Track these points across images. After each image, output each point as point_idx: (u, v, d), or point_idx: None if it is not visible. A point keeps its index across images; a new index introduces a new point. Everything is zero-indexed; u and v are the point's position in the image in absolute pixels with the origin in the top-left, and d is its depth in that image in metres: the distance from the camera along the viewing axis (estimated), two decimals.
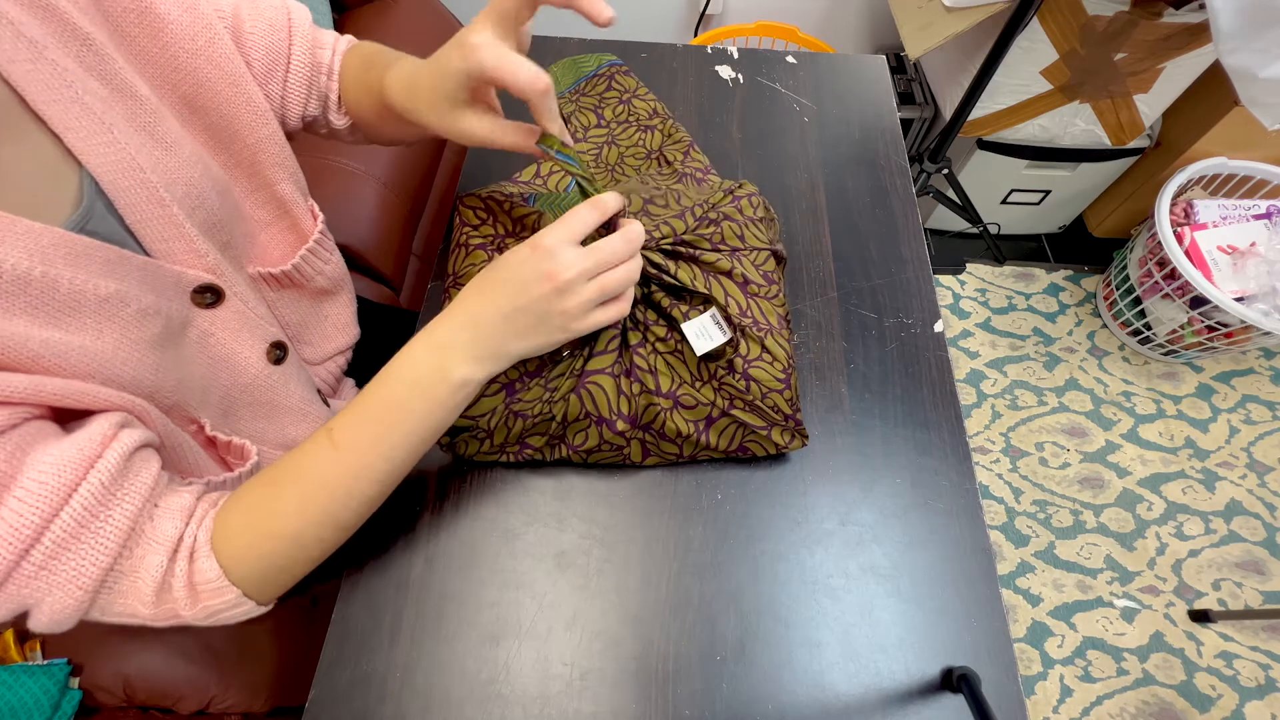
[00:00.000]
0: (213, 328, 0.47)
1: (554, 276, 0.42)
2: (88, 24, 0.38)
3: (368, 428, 0.42)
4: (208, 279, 0.45)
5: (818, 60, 0.88)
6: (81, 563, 0.35)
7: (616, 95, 0.79)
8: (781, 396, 0.54)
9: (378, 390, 0.43)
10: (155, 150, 0.41)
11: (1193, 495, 1.44)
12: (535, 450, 0.55)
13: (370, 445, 0.42)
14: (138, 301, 0.39)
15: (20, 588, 0.34)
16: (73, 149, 0.37)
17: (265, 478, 0.42)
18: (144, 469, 0.38)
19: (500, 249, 0.55)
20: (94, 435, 0.35)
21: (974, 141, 1.51)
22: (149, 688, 0.76)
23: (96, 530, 0.35)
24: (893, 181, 0.77)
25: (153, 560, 0.37)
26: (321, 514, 0.42)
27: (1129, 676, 1.26)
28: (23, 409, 0.34)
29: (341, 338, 0.63)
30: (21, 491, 0.33)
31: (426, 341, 0.43)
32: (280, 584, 0.43)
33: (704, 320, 0.52)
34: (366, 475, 0.42)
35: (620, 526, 0.56)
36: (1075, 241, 1.78)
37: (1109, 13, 1.14)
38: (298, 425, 0.56)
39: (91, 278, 0.36)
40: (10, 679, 0.72)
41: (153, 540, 0.37)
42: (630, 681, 0.50)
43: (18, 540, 0.32)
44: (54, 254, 0.35)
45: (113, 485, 0.36)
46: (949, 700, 0.50)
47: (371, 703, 0.49)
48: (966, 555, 0.56)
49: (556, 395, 0.52)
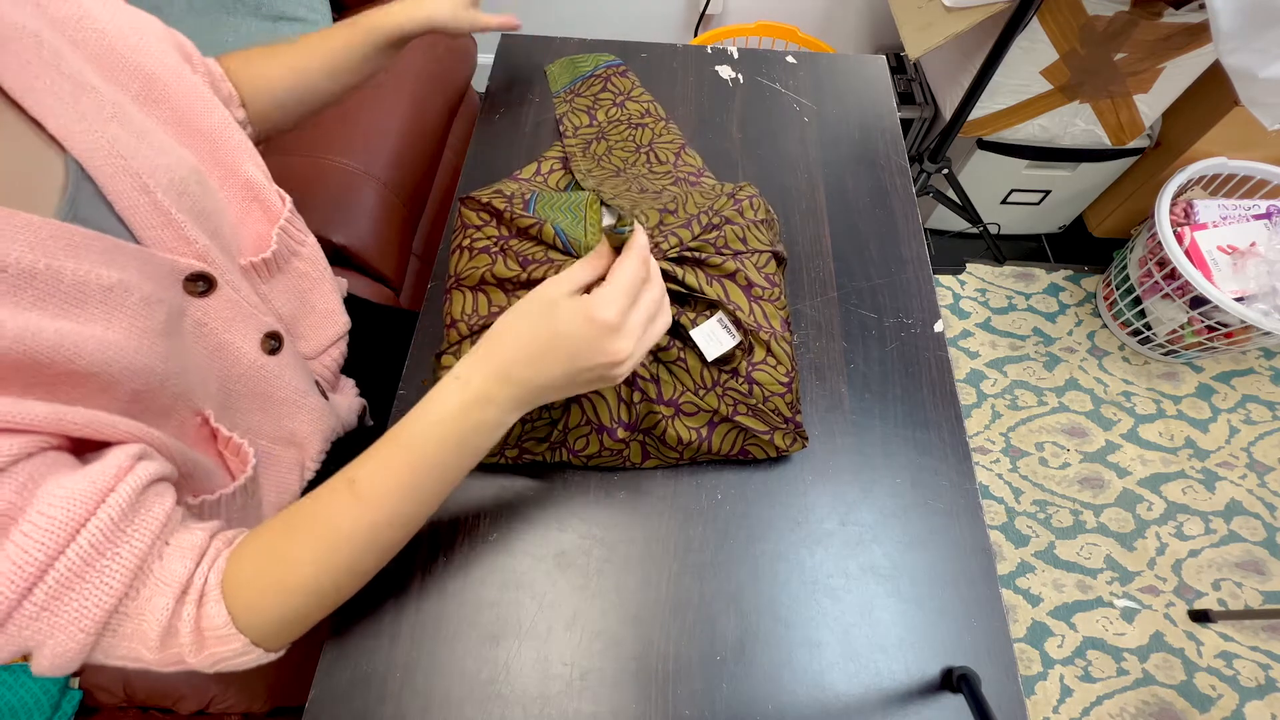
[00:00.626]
0: (205, 317, 0.47)
1: (616, 355, 0.40)
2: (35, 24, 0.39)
3: (393, 478, 0.41)
4: (199, 267, 0.45)
5: (818, 60, 0.88)
6: (85, 603, 0.33)
7: (610, 97, 0.79)
8: (783, 400, 0.54)
9: (404, 439, 0.41)
10: (129, 139, 0.42)
11: (1193, 495, 1.44)
12: (535, 455, 0.55)
13: (396, 497, 0.41)
14: (139, 290, 0.39)
15: (21, 629, 0.33)
16: (55, 134, 0.38)
17: (282, 524, 0.41)
18: (157, 503, 0.37)
19: (504, 251, 0.55)
20: (108, 468, 0.35)
21: (974, 141, 1.51)
22: (149, 688, 0.76)
23: (103, 569, 0.34)
24: (893, 181, 0.77)
25: (159, 602, 0.36)
26: (340, 566, 0.40)
27: (1129, 676, 1.26)
28: (41, 438, 0.33)
29: (331, 327, 0.63)
30: (29, 526, 0.32)
31: (461, 394, 0.41)
32: (292, 634, 0.41)
33: (711, 325, 0.52)
34: (391, 525, 0.41)
35: (620, 526, 0.56)
36: (1075, 241, 1.78)
37: (1109, 13, 1.14)
38: (294, 418, 0.56)
39: (94, 268, 0.36)
40: (10, 679, 0.72)
41: (160, 581, 0.36)
42: (630, 681, 0.50)
43: (20, 579, 0.31)
44: (54, 246, 0.35)
45: (123, 520, 0.35)
46: (949, 700, 0.50)
47: (371, 703, 0.49)
48: (966, 555, 0.56)
49: (557, 403, 0.52)
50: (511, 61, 0.86)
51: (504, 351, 0.41)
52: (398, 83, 1.15)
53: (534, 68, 0.85)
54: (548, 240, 0.55)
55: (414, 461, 0.41)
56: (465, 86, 1.32)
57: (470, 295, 0.55)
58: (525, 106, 0.81)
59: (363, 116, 1.10)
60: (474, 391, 0.40)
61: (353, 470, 0.41)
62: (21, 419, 0.32)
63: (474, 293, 0.55)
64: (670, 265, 0.52)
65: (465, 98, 1.33)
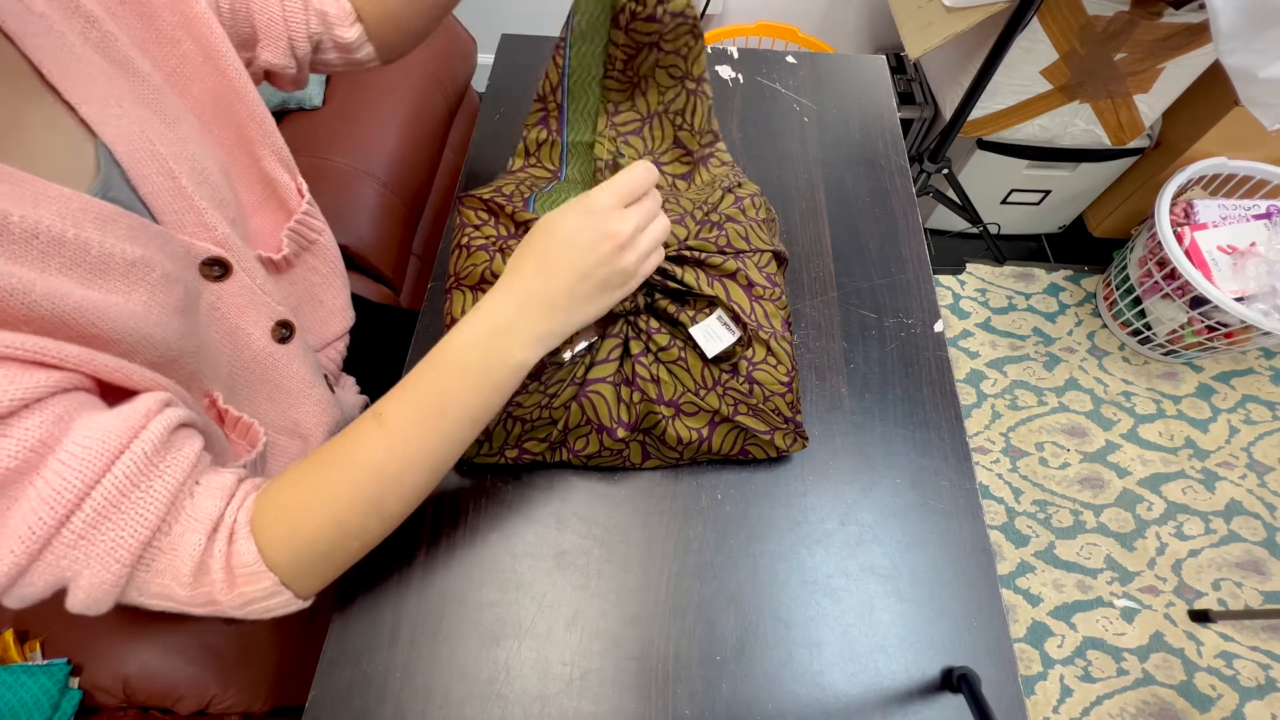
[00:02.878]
0: (220, 301, 0.47)
1: (617, 235, 0.41)
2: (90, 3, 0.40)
3: (419, 411, 0.41)
4: (216, 252, 0.46)
5: (818, 60, 0.88)
6: (121, 534, 0.34)
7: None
8: (783, 400, 0.54)
9: (429, 373, 0.41)
10: (159, 125, 0.43)
11: (1193, 495, 1.44)
12: (535, 455, 0.55)
13: (421, 431, 0.41)
14: (160, 267, 0.40)
15: (59, 557, 0.33)
16: (87, 120, 0.39)
17: (311, 461, 0.41)
18: (187, 444, 0.38)
19: (502, 250, 0.55)
20: (138, 408, 0.36)
21: (974, 141, 1.51)
22: (149, 688, 0.76)
23: (137, 500, 0.34)
24: (893, 181, 0.77)
25: (191, 539, 0.36)
26: (368, 500, 0.40)
27: (1129, 676, 1.26)
28: (74, 376, 0.34)
29: (338, 321, 0.63)
30: (66, 455, 0.32)
31: (484, 323, 0.41)
32: (320, 574, 0.42)
33: (711, 322, 0.52)
34: (417, 461, 0.41)
35: (620, 527, 0.56)
36: (1075, 241, 1.78)
37: (1109, 13, 1.14)
38: (300, 407, 0.56)
39: (119, 242, 0.37)
40: (10, 679, 0.72)
41: (192, 518, 0.37)
42: (630, 682, 0.50)
43: (59, 505, 0.32)
44: (83, 218, 0.36)
45: (155, 456, 0.35)
46: (949, 700, 0.50)
47: (371, 703, 0.49)
48: (966, 555, 0.56)
49: (556, 402, 0.52)
50: (511, 61, 0.86)
51: (516, 278, 0.42)
52: (398, 83, 1.15)
53: (534, 68, 0.85)
54: None
55: (439, 395, 0.41)
56: (465, 86, 1.32)
57: (470, 294, 0.55)
58: (525, 106, 0.81)
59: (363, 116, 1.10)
60: (494, 321, 0.41)
61: (380, 405, 0.41)
62: (56, 354, 0.33)
63: (474, 291, 0.55)
64: (669, 264, 0.52)
65: (465, 98, 1.33)
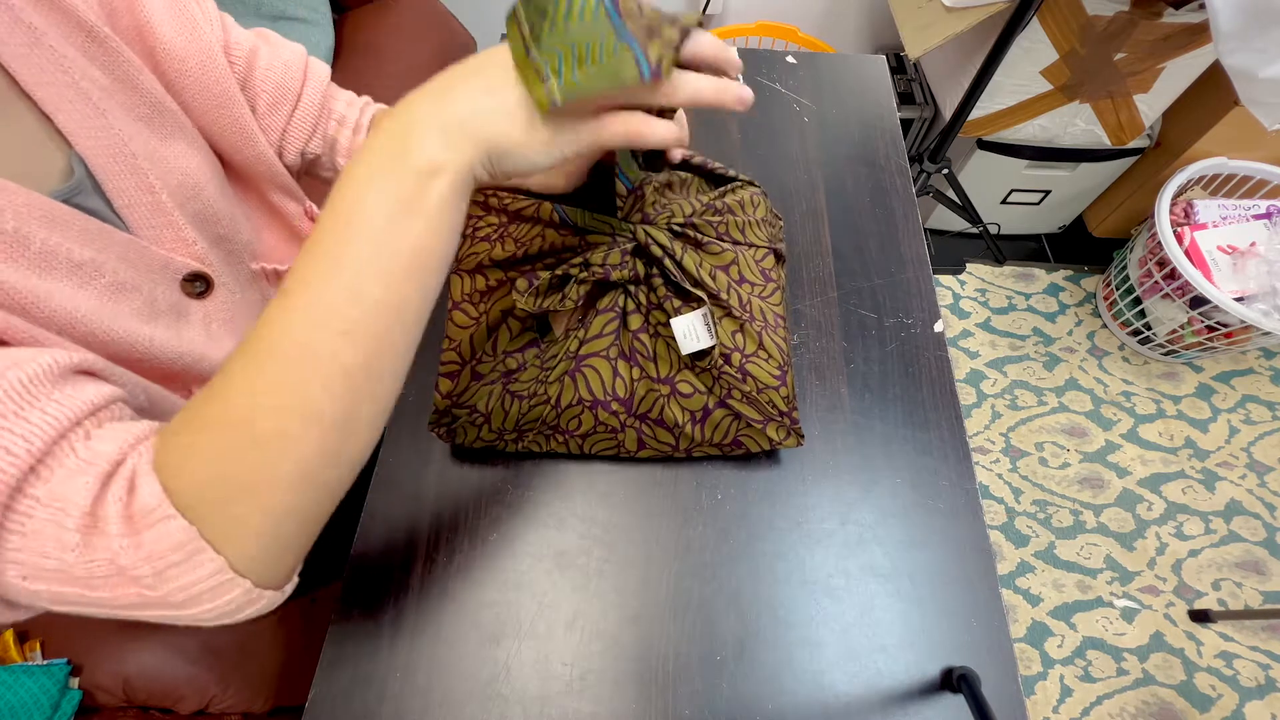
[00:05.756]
0: (209, 315, 0.48)
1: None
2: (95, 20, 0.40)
3: (318, 259, 0.32)
4: (196, 267, 0.46)
5: (818, 60, 0.88)
6: None
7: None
8: (778, 394, 0.54)
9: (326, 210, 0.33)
10: (151, 140, 0.43)
11: (1193, 495, 1.44)
12: (531, 443, 0.56)
13: (324, 280, 0.32)
14: (114, 274, 0.40)
15: None
16: (62, 129, 0.39)
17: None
18: (90, 386, 0.32)
19: (502, 239, 0.56)
20: (29, 350, 0.31)
21: (974, 141, 1.51)
22: (149, 688, 0.76)
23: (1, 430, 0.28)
24: (893, 181, 0.77)
25: (79, 482, 0.29)
26: (274, 387, 0.31)
27: (1129, 676, 1.26)
28: None
29: None
30: None
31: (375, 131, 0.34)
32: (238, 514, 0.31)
33: (694, 319, 0.52)
34: (329, 325, 0.31)
35: (620, 526, 0.56)
36: (1075, 241, 1.78)
37: (1109, 13, 1.14)
38: None
39: (65, 242, 0.37)
40: (10, 679, 0.72)
41: (84, 461, 0.29)
42: (630, 682, 0.50)
43: None
44: (28, 214, 0.35)
45: (35, 385, 0.29)
46: (949, 700, 0.50)
47: (371, 703, 0.49)
48: (966, 555, 0.56)
49: (551, 376, 0.52)
50: None
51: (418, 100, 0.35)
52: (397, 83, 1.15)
53: None
54: (545, 218, 0.55)
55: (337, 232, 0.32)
56: None
57: (468, 277, 0.56)
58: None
59: None
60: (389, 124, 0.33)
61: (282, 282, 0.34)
62: None
63: (471, 276, 0.56)
64: (669, 239, 0.52)
65: None
